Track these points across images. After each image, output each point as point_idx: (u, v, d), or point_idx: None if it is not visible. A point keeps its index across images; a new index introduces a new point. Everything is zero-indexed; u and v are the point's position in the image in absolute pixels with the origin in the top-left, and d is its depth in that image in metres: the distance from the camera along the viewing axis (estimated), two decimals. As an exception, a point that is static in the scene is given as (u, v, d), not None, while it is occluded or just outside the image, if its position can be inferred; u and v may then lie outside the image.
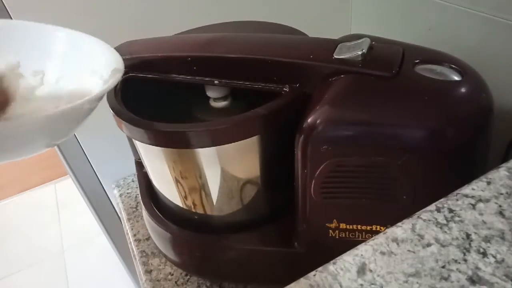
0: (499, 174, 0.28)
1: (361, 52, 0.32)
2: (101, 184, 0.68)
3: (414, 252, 0.24)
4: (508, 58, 0.45)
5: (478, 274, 0.22)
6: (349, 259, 0.24)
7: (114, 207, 0.73)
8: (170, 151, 0.37)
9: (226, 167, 0.37)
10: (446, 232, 0.25)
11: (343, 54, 0.33)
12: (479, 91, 0.32)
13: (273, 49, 0.37)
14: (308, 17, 0.66)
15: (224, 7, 0.60)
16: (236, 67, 0.36)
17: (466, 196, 0.27)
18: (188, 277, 0.48)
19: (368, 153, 0.31)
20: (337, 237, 0.36)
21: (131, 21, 0.55)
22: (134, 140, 0.39)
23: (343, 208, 0.35)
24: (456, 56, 0.35)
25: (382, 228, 0.35)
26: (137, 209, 0.61)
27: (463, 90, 0.32)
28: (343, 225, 0.36)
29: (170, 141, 0.35)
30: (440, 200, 0.27)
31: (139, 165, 0.51)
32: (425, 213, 0.26)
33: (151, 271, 0.50)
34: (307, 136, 0.32)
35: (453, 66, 0.33)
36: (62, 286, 1.44)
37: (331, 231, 0.36)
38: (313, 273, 0.24)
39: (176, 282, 0.48)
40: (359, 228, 0.35)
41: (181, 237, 0.43)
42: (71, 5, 0.51)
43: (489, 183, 0.27)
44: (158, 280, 0.49)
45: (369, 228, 0.35)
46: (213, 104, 0.41)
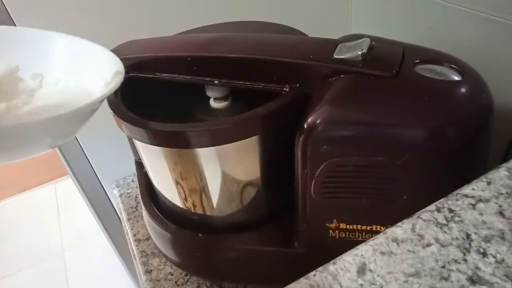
0: (499, 174, 0.28)
1: (361, 52, 0.32)
2: (101, 184, 0.68)
3: (414, 252, 0.24)
4: (508, 58, 0.45)
5: (478, 274, 0.22)
6: (349, 259, 0.24)
7: (114, 207, 0.73)
8: (170, 151, 0.37)
9: (226, 167, 0.37)
10: (446, 232, 0.25)
11: (343, 54, 0.33)
12: (479, 91, 0.32)
13: (273, 49, 0.37)
14: (308, 17, 0.66)
15: (224, 7, 0.60)
16: (236, 67, 0.36)
17: (466, 196, 0.27)
18: (188, 277, 0.48)
19: (368, 153, 0.31)
20: (337, 237, 0.36)
21: (131, 21, 0.55)
22: (134, 140, 0.39)
23: (343, 208, 0.35)
24: (456, 56, 0.35)
25: (382, 228, 0.35)
26: (137, 209, 0.61)
27: (463, 90, 0.32)
28: (343, 225, 0.36)
29: (170, 141, 0.35)
30: (440, 200, 0.27)
31: (139, 165, 0.51)
32: (425, 213, 0.26)
33: (151, 271, 0.50)
34: (307, 136, 0.32)
35: (453, 66, 0.33)
36: (62, 286, 1.44)
37: (331, 231, 0.36)
38: (313, 273, 0.24)
39: (176, 282, 0.48)
40: (359, 228, 0.35)
41: (181, 237, 0.43)
42: (71, 5, 0.51)
43: (489, 183, 0.27)
44: (158, 280, 0.49)
45: (369, 228, 0.35)
46: (213, 104, 0.41)
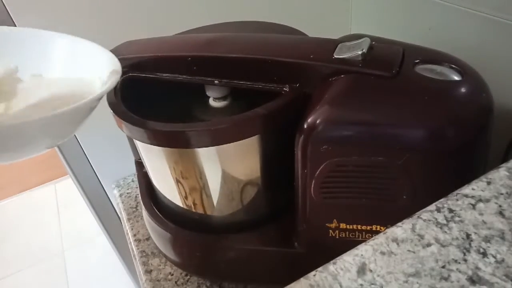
0: (499, 174, 0.28)
1: (361, 52, 0.32)
2: (101, 184, 0.68)
3: (414, 252, 0.24)
4: (508, 58, 0.45)
5: (478, 274, 0.22)
6: (349, 259, 0.24)
7: (114, 207, 0.73)
8: (170, 151, 0.37)
9: (226, 167, 0.37)
10: (446, 232, 0.25)
11: (343, 54, 0.33)
12: (479, 91, 0.32)
13: (273, 49, 0.37)
14: (308, 17, 0.66)
15: (224, 7, 0.60)
16: (236, 67, 0.36)
17: (466, 196, 0.27)
18: (188, 277, 0.48)
19: (368, 153, 0.31)
20: (337, 237, 0.36)
21: (131, 21, 0.55)
22: (134, 140, 0.39)
23: (343, 208, 0.35)
24: (456, 56, 0.35)
25: (382, 228, 0.35)
26: (137, 209, 0.61)
27: (463, 90, 0.32)
28: (343, 225, 0.36)
29: (170, 141, 0.35)
30: (440, 200, 0.27)
31: (139, 165, 0.51)
32: (425, 213, 0.26)
33: (151, 271, 0.50)
34: (307, 136, 0.32)
35: (453, 66, 0.33)
36: (62, 286, 1.44)
37: (331, 231, 0.36)
38: (313, 273, 0.24)
39: (176, 282, 0.48)
40: (359, 228, 0.35)
41: (181, 237, 0.43)
42: (71, 5, 0.51)
43: (489, 183, 0.27)
44: (158, 280, 0.49)
45: (369, 228, 0.35)
46: (213, 104, 0.41)
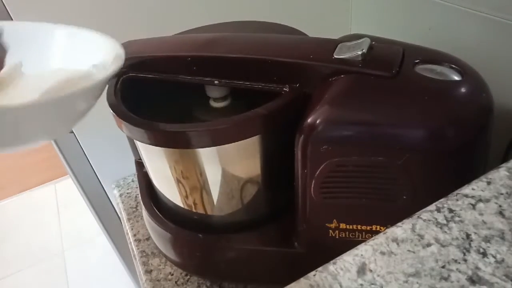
0: (499, 174, 0.28)
1: (361, 52, 0.32)
2: (101, 184, 0.68)
3: (414, 252, 0.24)
4: (508, 58, 0.45)
5: (478, 274, 0.22)
6: (349, 259, 0.24)
7: (114, 207, 0.73)
8: (170, 151, 0.37)
9: (226, 167, 0.37)
10: (446, 232, 0.25)
11: (343, 54, 0.33)
12: (479, 91, 0.32)
13: (273, 49, 0.37)
14: (308, 17, 0.66)
15: (224, 7, 0.60)
16: (236, 67, 0.36)
17: (466, 196, 0.27)
18: (188, 277, 0.48)
19: (368, 153, 0.31)
20: (337, 237, 0.36)
21: (132, 21, 0.55)
22: (134, 140, 0.39)
23: (343, 208, 0.35)
24: (456, 56, 0.35)
25: (382, 228, 0.35)
26: (137, 209, 0.61)
27: (463, 90, 0.32)
28: (343, 225, 0.36)
29: (170, 141, 0.35)
30: (440, 200, 0.27)
31: (139, 165, 0.51)
32: (425, 213, 0.26)
33: (151, 271, 0.50)
34: (307, 136, 0.32)
35: (453, 66, 0.33)
36: (62, 286, 1.44)
37: (331, 231, 0.36)
38: (313, 273, 0.24)
39: (176, 282, 0.48)
40: (359, 228, 0.35)
41: (181, 237, 0.43)
42: (71, 5, 0.51)
43: (489, 183, 0.27)
44: (158, 280, 0.49)
45: (369, 228, 0.35)
46: (213, 104, 0.41)
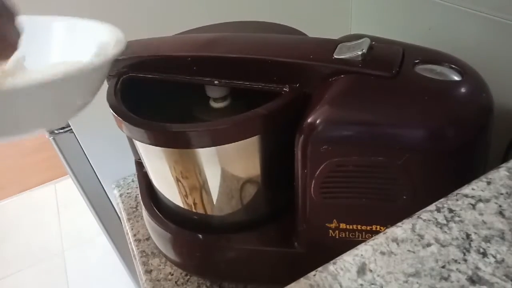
0: (499, 174, 0.28)
1: (361, 52, 0.32)
2: (101, 184, 0.68)
3: (414, 252, 0.24)
4: (508, 58, 0.45)
5: (478, 274, 0.22)
6: (349, 259, 0.24)
7: (114, 207, 0.73)
8: (170, 151, 0.37)
9: (226, 167, 0.37)
10: (446, 232, 0.25)
11: (343, 54, 0.33)
12: (479, 91, 0.32)
13: (273, 49, 0.37)
14: (308, 17, 0.66)
15: (224, 7, 0.60)
16: (236, 67, 0.36)
17: (466, 196, 0.27)
18: (188, 277, 0.48)
19: (368, 153, 0.31)
20: (337, 237, 0.36)
21: (131, 21, 0.55)
22: (134, 140, 0.39)
23: (343, 208, 0.35)
24: (456, 56, 0.35)
25: (382, 228, 0.35)
26: (137, 209, 0.61)
27: (463, 90, 0.32)
28: (343, 225, 0.36)
29: (170, 141, 0.35)
30: (440, 200, 0.27)
31: (139, 165, 0.51)
32: (425, 213, 0.26)
33: (151, 271, 0.50)
34: (307, 136, 0.32)
35: (453, 66, 0.33)
36: (62, 286, 1.44)
37: (331, 231, 0.36)
38: (313, 273, 0.24)
39: (176, 282, 0.48)
40: (359, 228, 0.35)
41: (181, 237, 0.43)
42: (71, 5, 0.51)
43: (489, 183, 0.27)
44: (158, 280, 0.49)
45: (369, 228, 0.35)
46: (213, 104, 0.41)
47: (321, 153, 0.32)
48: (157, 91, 0.42)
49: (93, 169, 0.65)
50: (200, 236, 0.42)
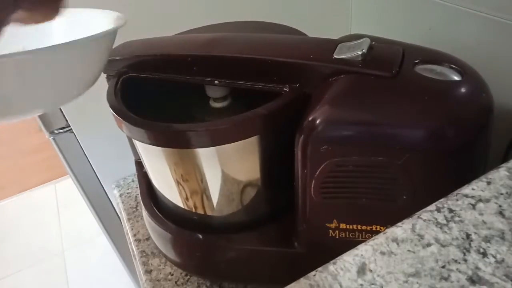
0: (499, 174, 0.28)
1: (361, 52, 0.32)
2: (101, 184, 0.68)
3: (414, 252, 0.24)
4: (508, 58, 0.45)
5: (478, 274, 0.22)
6: (349, 259, 0.24)
7: (114, 207, 0.73)
8: (170, 151, 0.37)
9: (226, 167, 0.37)
10: (446, 232, 0.25)
11: (343, 54, 0.33)
12: (479, 91, 0.32)
13: (273, 49, 0.37)
14: (308, 17, 0.66)
15: (224, 7, 0.60)
16: (236, 67, 0.36)
17: (466, 196, 0.27)
18: (188, 277, 0.48)
19: (368, 153, 0.31)
20: (337, 237, 0.36)
21: (131, 21, 0.55)
22: (134, 140, 0.39)
23: (343, 208, 0.35)
24: (456, 56, 0.35)
25: (382, 228, 0.35)
26: (137, 209, 0.61)
27: (463, 90, 0.32)
28: (343, 225, 0.36)
29: (170, 141, 0.35)
30: (440, 200, 0.27)
31: (139, 165, 0.51)
32: (425, 213, 0.26)
33: (151, 271, 0.50)
34: (307, 136, 0.32)
35: (453, 66, 0.33)
36: (62, 286, 1.44)
37: (331, 231, 0.36)
38: (313, 273, 0.24)
39: (176, 282, 0.48)
40: (359, 228, 0.35)
41: (181, 237, 0.43)
42: (70, 5, 0.51)
43: (489, 183, 0.27)
44: (158, 280, 0.49)
45: (369, 228, 0.35)
46: (213, 104, 0.41)
47: (321, 153, 0.32)
48: (157, 91, 0.42)
49: (93, 169, 0.65)
50: (200, 236, 0.42)
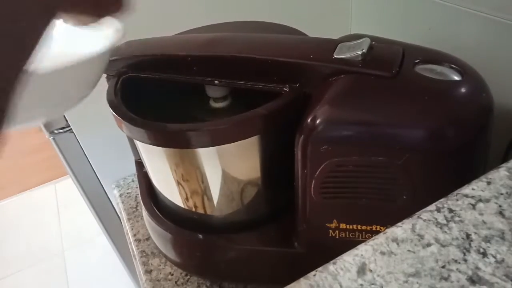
0: (499, 174, 0.28)
1: (361, 52, 0.32)
2: (101, 184, 0.68)
3: (414, 252, 0.24)
4: (508, 58, 0.45)
5: (478, 274, 0.22)
6: (349, 259, 0.24)
7: (114, 207, 0.73)
8: (170, 151, 0.37)
9: (226, 167, 0.37)
10: (446, 232, 0.25)
11: (343, 54, 0.33)
12: (479, 91, 0.32)
13: (273, 49, 0.37)
14: (308, 17, 0.66)
15: (224, 7, 0.60)
16: (236, 67, 0.36)
17: (466, 196, 0.27)
18: (188, 277, 0.48)
19: (368, 153, 0.31)
20: (337, 237, 0.36)
21: (131, 21, 0.55)
22: (135, 140, 0.39)
23: (343, 208, 0.35)
24: (456, 56, 0.35)
25: (382, 228, 0.35)
26: (137, 209, 0.61)
27: (463, 90, 0.32)
28: (343, 225, 0.36)
29: (170, 141, 0.35)
30: (440, 200, 0.27)
31: (139, 165, 0.51)
32: (425, 213, 0.26)
33: (151, 271, 0.50)
34: (307, 136, 0.32)
35: (453, 66, 0.33)
36: (62, 286, 1.44)
37: (331, 231, 0.36)
38: (313, 273, 0.24)
39: (176, 282, 0.48)
40: (359, 228, 0.35)
41: (181, 237, 0.43)
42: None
43: (489, 183, 0.27)
44: (158, 280, 0.49)
45: (369, 228, 0.35)
46: (213, 104, 0.41)
47: (321, 153, 0.32)
48: (157, 91, 0.42)
49: (93, 169, 0.65)
50: (200, 236, 0.42)
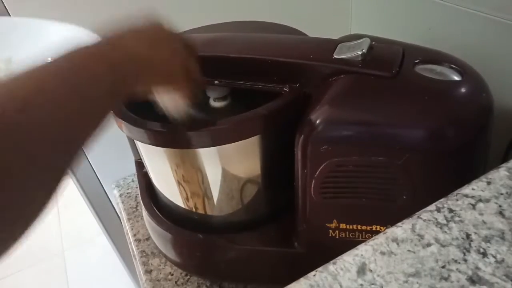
0: (499, 174, 0.28)
1: (361, 52, 0.32)
2: (101, 184, 0.68)
3: (414, 252, 0.24)
4: (508, 58, 0.45)
5: (478, 274, 0.22)
6: (349, 259, 0.24)
7: (114, 207, 0.73)
8: (170, 151, 0.37)
9: (227, 167, 0.37)
10: (446, 232, 0.25)
11: (343, 54, 0.33)
12: (479, 91, 0.32)
13: (273, 49, 0.37)
14: (308, 17, 0.66)
15: (224, 7, 0.60)
16: (236, 67, 0.36)
17: (466, 196, 0.27)
18: (188, 277, 0.48)
19: (368, 153, 0.31)
20: (337, 237, 0.36)
21: (131, 21, 0.55)
22: (135, 140, 0.39)
23: (343, 208, 0.35)
24: (456, 56, 0.35)
25: (382, 228, 0.35)
26: (137, 209, 0.61)
27: (463, 90, 0.32)
28: (343, 225, 0.36)
29: (170, 141, 0.35)
30: (440, 200, 0.27)
31: (139, 165, 0.51)
32: (425, 213, 0.26)
33: (151, 271, 0.50)
34: (307, 136, 0.32)
35: (453, 66, 0.33)
36: (62, 286, 1.44)
37: (331, 231, 0.36)
38: (313, 273, 0.24)
39: (176, 282, 0.48)
40: (359, 228, 0.35)
41: (181, 237, 0.43)
42: (70, 5, 0.51)
43: (489, 183, 0.27)
44: (158, 280, 0.49)
45: (369, 228, 0.35)
46: (213, 104, 0.41)
47: (321, 153, 0.32)
48: (157, 91, 0.42)
49: (93, 169, 0.65)
50: (200, 236, 0.42)
